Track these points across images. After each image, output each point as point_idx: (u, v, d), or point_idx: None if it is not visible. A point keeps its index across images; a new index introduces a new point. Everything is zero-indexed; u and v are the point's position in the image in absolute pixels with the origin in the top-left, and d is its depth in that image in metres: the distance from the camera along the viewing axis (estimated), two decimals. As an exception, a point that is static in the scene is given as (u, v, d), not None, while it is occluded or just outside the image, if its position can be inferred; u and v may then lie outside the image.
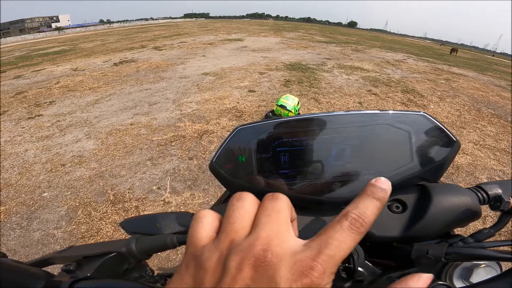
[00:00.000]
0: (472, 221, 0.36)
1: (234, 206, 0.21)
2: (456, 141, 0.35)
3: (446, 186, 0.37)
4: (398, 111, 0.35)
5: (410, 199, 0.37)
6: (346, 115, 0.34)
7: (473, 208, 0.35)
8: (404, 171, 0.34)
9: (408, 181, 0.35)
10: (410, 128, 0.34)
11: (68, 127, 4.29)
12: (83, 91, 6.21)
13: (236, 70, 7.79)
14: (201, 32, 22.87)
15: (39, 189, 2.90)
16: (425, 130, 0.34)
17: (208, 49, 12.17)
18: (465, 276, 0.36)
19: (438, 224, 0.34)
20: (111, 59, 10.15)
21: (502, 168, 3.53)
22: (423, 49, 23.66)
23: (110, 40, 19.45)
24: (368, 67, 9.42)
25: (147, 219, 0.46)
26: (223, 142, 0.36)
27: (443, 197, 0.35)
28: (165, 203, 2.64)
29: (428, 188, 0.37)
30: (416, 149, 0.34)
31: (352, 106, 5.23)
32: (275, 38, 17.77)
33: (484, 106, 6.16)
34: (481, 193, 0.36)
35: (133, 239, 0.38)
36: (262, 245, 0.18)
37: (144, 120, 4.42)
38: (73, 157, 3.43)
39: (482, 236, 0.33)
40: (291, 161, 0.34)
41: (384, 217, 0.36)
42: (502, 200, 0.32)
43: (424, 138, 0.34)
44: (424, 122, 0.34)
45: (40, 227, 2.41)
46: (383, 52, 14.86)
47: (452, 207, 0.35)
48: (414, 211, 0.36)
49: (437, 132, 0.34)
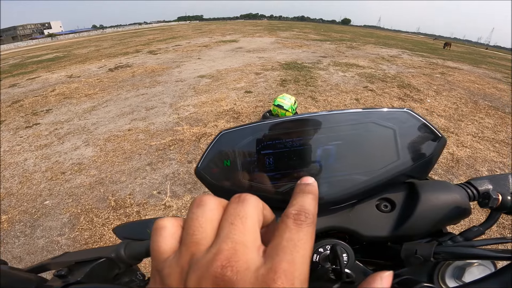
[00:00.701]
0: (462, 219, 0.35)
1: (193, 214, 0.19)
2: (442, 136, 0.34)
3: (435, 183, 0.37)
4: (381, 108, 0.34)
5: (398, 198, 0.36)
6: (330, 115, 0.34)
7: (462, 205, 0.34)
8: (391, 169, 0.33)
9: (395, 179, 0.34)
10: (394, 126, 0.33)
11: (66, 135, 4.28)
12: (79, 98, 6.19)
13: (232, 72, 7.79)
14: (195, 34, 22.86)
15: (40, 197, 2.90)
16: (410, 126, 0.34)
17: (203, 51, 12.17)
18: (458, 275, 0.36)
19: (427, 222, 0.34)
20: (106, 65, 10.12)
21: (502, 160, 3.54)
22: (417, 44, 23.78)
23: (104, 45, 19.39)
24: (364, 63, 9.46)
25: (138, 224, 0.47)
26: (207, 147, 0.36)
27: (431, 194, 0.34)
28: (166, 207, 2.64)
29: (416, 186, 0.36)
30: (402, 146, 0.33)
31: (349, 103, 5.25)
32: (270, 38, 17.80)
33: (481, 98, 6.21)
34: (471, 189, 0.36)
35: (122, 245, 0.39)
36: (222, 260, 0.16)
37: (142, 125, 4.42)
38: (72, 165, 3.42)
39: (472, 235, 0.33)
40: (276, 164, 0.34)
41: (373, 217, 0.36)
42: (490, 196, 0.30)
43: (409, 135, 0.33)
44: (408, 119, 0.34)
45: (44, 234, 2.42)
46: (377, 48, 14.93)
47: (441, 205, 0.34)
48: (403, 210, 0.35)
49: (422, 129, 0.34)
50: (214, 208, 0.19)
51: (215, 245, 0.17)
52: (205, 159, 0.36)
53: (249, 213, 0.18)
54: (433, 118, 4.74)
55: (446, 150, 3.69)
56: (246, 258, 0.16)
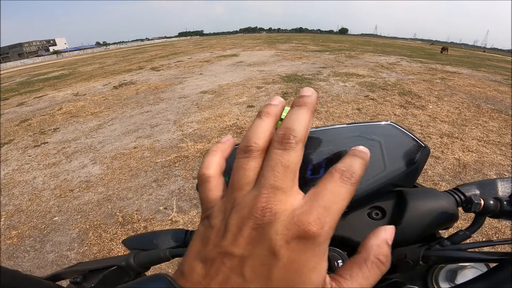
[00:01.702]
0: (451, 223, 0.36)
1: (239, 160, 0.21)
2: (425, 146, 0.36)
3: (423, 191, 0.38)
4: (366, 122, 0.36)
5: (388, 206, 0.38)
6: (318, 131, 0.35)
7: (450, 211, 0.36)
8: (379, 179, 0.34)
9: (384, 189, 0.35)
10: (380, 138, 0.35)
11: (73, 153, 4.36)
12: (85, 116, 6.32)
13: (234, 86, 7.91)
14: (196, 50, 23.31)
15: (49, 213, 2.96)
16: (394, 138, 0.35)
17: (204, 66, 12.37)
18: (451, 278, 0.38)
19: (416, 228, 0.35)
20: (111, 82, 10.33)
21: (510, 163, 3.50)
22: (415, 50, 24.00)
23: (108, 62, 19.83)
24: (363, 72, 9.55)
25: (146, 236, 0.51)
26: None
27: (419, 202, 0.36)
28: (172, 222, 2.67)
29: (405, 194, 0.38)
30: (388, 157, 0.34)
31: (351, 113, 5.30)
32: (269, 51, 18.06)
33: (483, 102, 6.21)
34: (458, 195, 0.37)
35: (131, 254, 0.43)
36: (261, 202, 0.17)
37: (147, 143, 4.49)
38: (80, 183, 3.48)
39: (459, 238, 0.34)
40: None
41: (365, 225, 0.37)
42: (472, 201, 0.31)
43: (394, 146, 0.35)
44: (392, 131, 0.35)
45: (54, 249, 2.47)
46: (376, 56, 15.09)
47: (428, 211, 0.36)
48: (393, 217, 0.37)
49: (405, 140, 0.35)
50: (258, 156, 0.20)
51: (255, 188, 0.19)
52: None
53: (291, 161, 0.19)
54: (437, 124, 4.75)
55: (452, 155, 3.68)
56: (284, 201, 0.18)
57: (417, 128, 4.58)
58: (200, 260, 0.18)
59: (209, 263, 0.18)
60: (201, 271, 0.18)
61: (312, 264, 0.17)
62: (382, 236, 0.21)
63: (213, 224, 0.19)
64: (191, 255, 0.19)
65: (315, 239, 0.17)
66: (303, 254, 0.17)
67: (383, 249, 0.20)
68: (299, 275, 0.17)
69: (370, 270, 0.19)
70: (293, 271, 0.17)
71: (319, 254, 0.17)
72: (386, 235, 0.21)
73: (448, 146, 3.97)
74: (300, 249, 0.17)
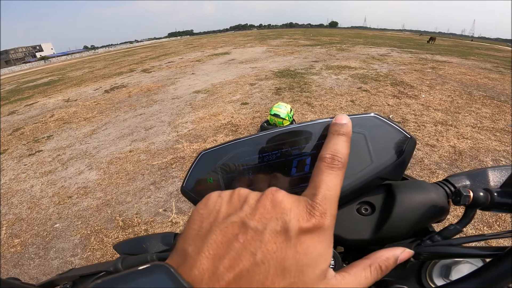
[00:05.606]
0: (442, 217, 0.35)
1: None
2: (411, 137, 0.34)
3: (412, 183, 0.37)
4: (349, 115, 0.34)
5: (377, 200, 0.37)
6: (301, 126, 0.34)
7: (439, 203, 0.35)
8: (366, 173, 0.33)
9: (371, 183, 0.34)
10: (364, 131, 0.34)
11: (69, 160, 4.32)
12: (78, 122, 6.26)
13: (227, 84, 7.89)
14: (187, 49, 23.14)
15: (50, 221, 2.95)
16: (379, 130, 0.34)
17: (196, 66, 12.31)
18: (445, 273, 0.37)
19: (405, 222, 0.35)
20: (102, 86, 10.21)
21: (505, 148, 3.53)
22: (404, 41, 24.12)
23: (97, 66, 19.59)
24: (355, 64, 9.60)
25: (136, 241, 0.52)
26: (190, 167, 0.38)
27: (407, 195, 0.35)
28: (173, 224, 2.67)
29: (393, 187, 0.37)
30: (374, 150, 0.33)
31: (345, 106, 5.33)
32: (261, 47, 18.03)
33: (474, 89, 6.29)
34: (448, 186, 0.36)
35: (119, 259, 0.44)
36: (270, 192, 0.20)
37: (143, 146, 4.47)
38: (78, 189, 3.46)
39: (449, 233, 0.33)
40: (255, 177, 0.34)
41: (354, 221, 0.37)
42: (461, 194, 0.30)
43: (379, 139, 0.34)
44: (376, 123, 0.34)
45: (58, 256, 2.48)
46: (367, 48, 15.16)
47: (418, 205, 0.35)
48: (383, 212, 0.36)
49: (391, 131, 0.34)
50: None
51: None
52: (189, 179, 0.37)
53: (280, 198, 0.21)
54: (430, 113, 4.80)
55: (447, 143, 3.72)
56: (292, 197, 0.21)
57: (411, 117, 4.63)
58: (203, 235, 0.19)
59: (219, 235, 0.18)
60: (207, 250, 0.17)
61: (320, 250, 0.19)
62: (396, 253, 0.23)
63: (223, 195, 0.21)
64: (191, 232, 0.19)
65: (322, 225, 0.19)
66: (310, 239, 0.18)
67: (389, 262, 0.22)
68: (308, 258, 0.18)
69: (372, 273, 0.21)
70: (303, 253, 0.18)
71: (325, 241, 0.19)
72: (399, 254, 0.23)
73: (442, 134, 4.01)
74: (308, 237, 0.18)
